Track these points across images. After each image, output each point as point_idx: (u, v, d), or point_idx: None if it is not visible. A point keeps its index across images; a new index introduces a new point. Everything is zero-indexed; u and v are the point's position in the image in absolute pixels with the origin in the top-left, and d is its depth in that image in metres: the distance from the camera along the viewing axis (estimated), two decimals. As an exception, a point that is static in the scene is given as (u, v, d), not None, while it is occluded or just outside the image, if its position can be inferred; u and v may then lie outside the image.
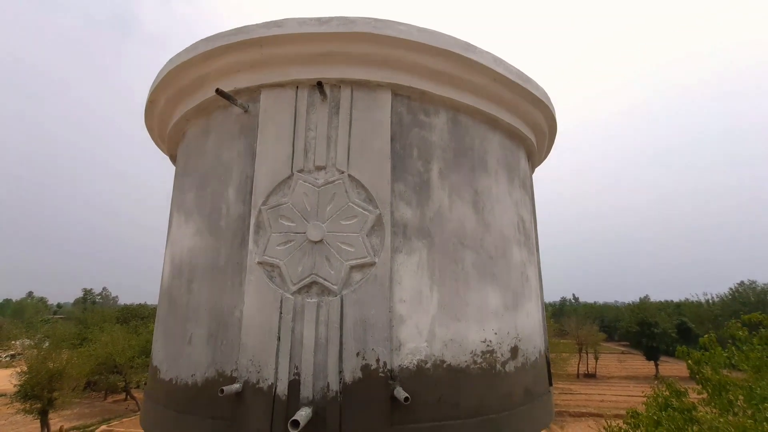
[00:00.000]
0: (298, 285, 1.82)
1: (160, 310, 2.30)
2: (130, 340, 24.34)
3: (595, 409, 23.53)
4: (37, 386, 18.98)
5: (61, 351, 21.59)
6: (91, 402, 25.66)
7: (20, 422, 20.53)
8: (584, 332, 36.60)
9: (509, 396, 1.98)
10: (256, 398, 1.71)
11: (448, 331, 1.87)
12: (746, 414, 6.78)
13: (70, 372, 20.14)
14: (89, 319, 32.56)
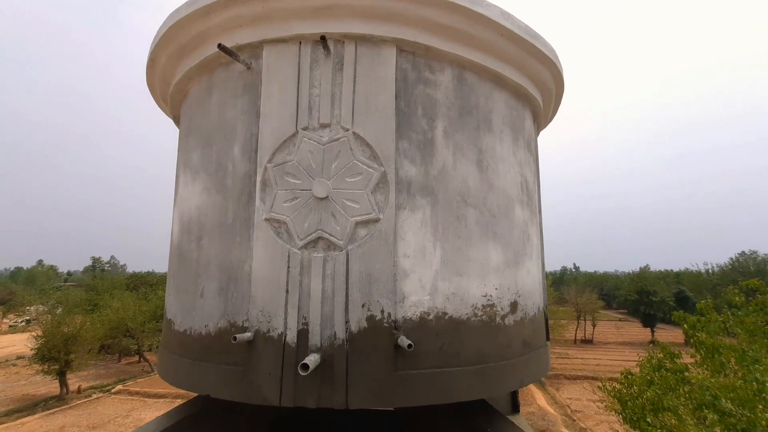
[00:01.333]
0: (304, 240, 1.87)
1: (171, 266, 2.38)
2: (141, 306, 25.09)
3: (591, 373, 24.37)
4: (53, 349, 19.80)
5: (75, 316, 22.34)
6: (106, 364, 26.81)
7: (40, 382, 21.56)
8: (583, 300, 37.28)
9: (508, 347, 2.07)
10: (267, 346, 1.81)
11: (450, 285, 1.94)
12: (737, 375, 7.02)
13: (84, 336, 20.94)
14: (99, 286, 33.44)
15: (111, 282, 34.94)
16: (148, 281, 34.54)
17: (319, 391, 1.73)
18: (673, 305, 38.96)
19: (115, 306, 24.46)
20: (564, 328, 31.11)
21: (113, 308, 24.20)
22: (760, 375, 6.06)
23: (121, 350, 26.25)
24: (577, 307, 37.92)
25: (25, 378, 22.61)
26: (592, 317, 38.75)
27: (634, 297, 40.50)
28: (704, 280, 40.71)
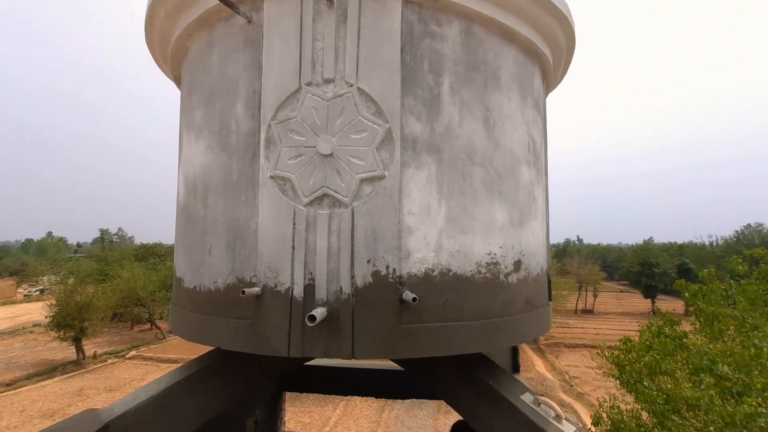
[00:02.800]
0: (309, 197, 1.88)
1: (178, 226, 2.40)
2: (150, 276, 25.65)
3: (590, 341, 24.92)
4: (68, 317, 20.48)
5: (86, 286, 22.94)
6: (119, 331, 27.77)
7: (57, 348, 22.43)
8: (585, 271, 37.59)
9: (510, 304, 2.11)
10: (275, 300, 1.85)
11: (454, 242, 1.95)
12: (735, 342, 7.15)
13: (97, 304, 21.57)
14: (109, 257, 34.09)
15: (120, 253, 35.59)
16: (156, 252, 35.15)
17: (325, 343, 1.79)
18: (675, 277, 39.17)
19: (125, 276, 25.03)
20: (565, 299, 31.57)
21: (123, 278, 24.78)
22: (758, 341, 6.17)
23: (133, 318, 27.08)
24: (578, 278, 38.25)
25: (43, 344, 23.52)
26: (594, 288, 39.16)
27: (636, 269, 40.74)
28: (708, 253, 40.73)
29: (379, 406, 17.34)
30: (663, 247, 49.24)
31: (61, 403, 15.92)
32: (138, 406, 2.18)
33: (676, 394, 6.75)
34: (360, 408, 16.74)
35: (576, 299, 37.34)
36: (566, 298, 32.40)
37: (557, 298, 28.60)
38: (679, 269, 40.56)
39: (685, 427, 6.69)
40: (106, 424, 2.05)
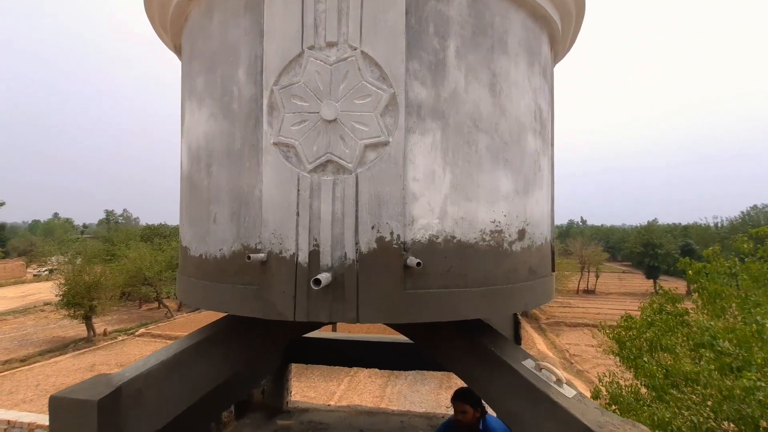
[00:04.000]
0: (313, 164, 1.86)
1: (182, 196, 2.41)
2: (156, 256, 25.98)
3: (591, 321, 25.20)
4: (77, 296, 20.89)
5: (94, 266, 23.31)
6: (128, 310, 28.35)
7: (68, 326, 22.99)
8: (588, 252, 37.65)
9: (514, 272, 2.12)
10: (280, 266, 1.87)
11: (459, 209, 1.94)
12: (736, 319, 7.20)
13: (105, 284, 21.95)
14: (115, 237, 34.49)
15: (126, 233, 35.98)
16: (162, 233, 35.49)
17: (330, 307, 1.81)
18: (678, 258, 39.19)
19: (132, 256, 25.36)
20: (567, 279, 31.73)
21: (130, 258, 25.11)
22: (760, 318, 6.20)
23: (141, 297, 27.59)
24: (581, 259, 38.34)
25: (54, 322, 24.10)
26: (596, 269, 39.28)
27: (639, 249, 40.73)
28: (712, 234, 40.61)
29: (382, 382, 17.77)
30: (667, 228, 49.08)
31: (74, 378, 16.41)
32: (149, 370, 2.24)
33: (675, 368, 6.86)
34: (364, 383, 17.16)
35: (578, 280, 37.53)
36: (568, 278, 32.58)
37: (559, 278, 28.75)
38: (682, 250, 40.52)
39: (683, 401, 6.82)
40: (118, 387, 2.12)
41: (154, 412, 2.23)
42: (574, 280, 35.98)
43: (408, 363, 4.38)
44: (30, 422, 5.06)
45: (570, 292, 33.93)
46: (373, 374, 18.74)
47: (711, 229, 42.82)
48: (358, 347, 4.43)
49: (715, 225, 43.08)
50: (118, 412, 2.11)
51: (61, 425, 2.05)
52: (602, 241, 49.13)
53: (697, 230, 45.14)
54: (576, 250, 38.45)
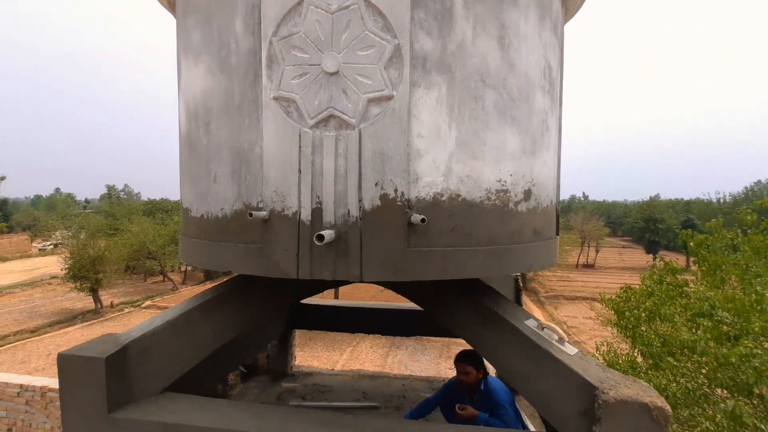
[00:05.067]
0: (315, 119, 1.81)
1: (182, 156, 2.36)
2: (159, 230, 26.11)
3: (590, 294, 25.54)
4: (82, 269, 21.16)
5: (98, 240, 23.50)
6: (133, 283, 28.81)
7: (76, 298, 23.43)
8: (589, 227, 37.70)
9: (519, 232, 2.09)
10: (283, 224, 1.84)
11: (464, 167, 1.90)
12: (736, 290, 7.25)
13: (109, 257, 22.19)
14: (117, 212, 34.58)
15: (128, 208, 36.06)
16: (164, 207, 35.58)
17: (334, 265, 1.80)
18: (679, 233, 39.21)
19: (135, 230, 25.51)
20: (567, 253, 31.91)
21: (133, 232, 25.27)
22: (760, 288, 6.24)
23: (146, 271, 27.94)
24: (582, 233, 38.41)
25: (61, 294, 24.54)
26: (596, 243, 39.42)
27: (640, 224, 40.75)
28: (714, 209, 40.46)
29: (383, 352, 18.22)
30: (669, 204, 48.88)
31: (84, 347, 16.80)
32: (155, 329, 2.27)
33: (672, 337, 6.97)
34: (365, 353, 17.60)
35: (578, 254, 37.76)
36: (568, 252, 32.77)
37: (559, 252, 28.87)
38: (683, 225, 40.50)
39: (678, 368, 6.97)
40: (124, 345, 2.15)
41: (161, 370, 2.27)
42: (574, 254, 36.20)
43: (409, 329, 4.45)
44: (42, 386, 5.22)
45: (569, 266, 34.22)
46: (374, 345, 19.20)
47: (713, 204, 42.66)
48: (359, 313, 4.49)
49: (717, 200, 42.89)
50: (125, 370, 2.14)
51: (69, 382, 2.09)
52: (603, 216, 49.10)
53: (699, 206, 44.98)
54: (577, 224, 38.49)
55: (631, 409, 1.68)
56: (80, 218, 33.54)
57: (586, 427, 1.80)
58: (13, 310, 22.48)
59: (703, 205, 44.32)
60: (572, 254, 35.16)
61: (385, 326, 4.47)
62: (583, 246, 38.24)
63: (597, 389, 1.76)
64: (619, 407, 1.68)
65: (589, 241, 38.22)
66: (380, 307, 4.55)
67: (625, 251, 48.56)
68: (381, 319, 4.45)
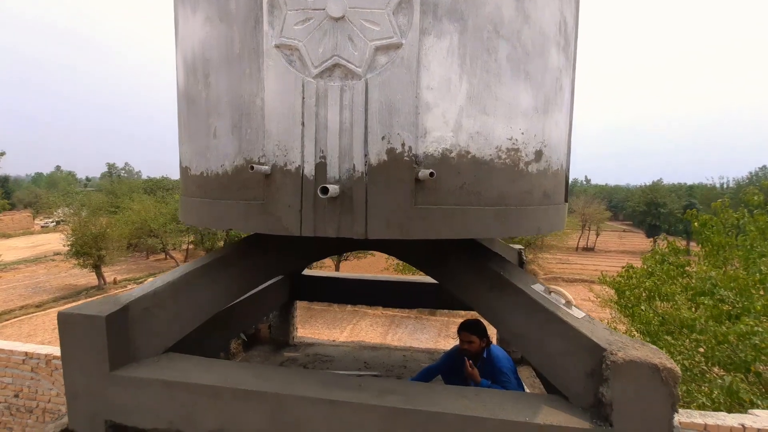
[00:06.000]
0: (319, 68, 1.72)
1: (180, 114, 2.28)
2: (161, 209, 26.09)
3: (589, 277, 25.68)
4: (85, 246, 21.26)
5: (99, 218, 23.53)
6: (135, 260, 29.03)
7: (79, 275, 23.63)
8: (590, 210, 37.61)
9: (529, 194, 2.03)
10: (285, 179, 1.78)
11: (475, 123, 1.82)
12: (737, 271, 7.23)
13: (111, 235, 22.26)
14: (117, 190, 34.53)
15: (129, 186, 35.98)
16: (164, 186, 35.49)
17: (338, 221, 1.75)
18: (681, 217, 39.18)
19: (136, 208, 25.50)
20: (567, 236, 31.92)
21: (134, 210, 25.26)
22: (765, 267, 6.21)
23: (148, 249, 28.09)
24: (583, 217, 38.37)
25: (65, 271, 24.74)
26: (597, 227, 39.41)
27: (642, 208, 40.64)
28: (717, 194, 40.21)
29: (383, 330, 18.46)
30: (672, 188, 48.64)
31: (88, 322, 17.04)
32: (156, 290, 2.24)
33: (672, 316, 6.99)
34: (366, 331, 17.84)
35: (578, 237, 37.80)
36: (569, 235, 32.79)
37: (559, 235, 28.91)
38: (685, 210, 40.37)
39: (675, 346, 7.02)
40: (125, 305, 2.12)
41: (163, 331, 2.25)
42: (575, 237, 36.25)
43: (411, 301, 4.45)
44: (47, 354, 5.27)
45: (569, 249, 34.32)
46: (374, 323, 19.45)
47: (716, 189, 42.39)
48: (361, 285, 4.48)
49: (720, 185, 42.60)
50: (127, 329, 2.12)
51: (70, 340, 2.07)
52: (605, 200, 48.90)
53: (702, 190, 44.72)
54: (578, 208, 38.40)
55: (641, 369, 1.65)
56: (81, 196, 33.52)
57: (593, 388, 1.79)
58: (18, 286, 22.72)
59: (706, 189, 44.05)
60: (572, 237, 35.21)
61: (386, 298, 4.47)
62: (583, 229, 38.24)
63: (605, 351, 1.73)
64: (628, 368, 1.65)
65: (589, 224, 38.20)
66: (382, 279, 4.54)
67: (626, 235, 48.57)
68: (382, 291, 4.44)
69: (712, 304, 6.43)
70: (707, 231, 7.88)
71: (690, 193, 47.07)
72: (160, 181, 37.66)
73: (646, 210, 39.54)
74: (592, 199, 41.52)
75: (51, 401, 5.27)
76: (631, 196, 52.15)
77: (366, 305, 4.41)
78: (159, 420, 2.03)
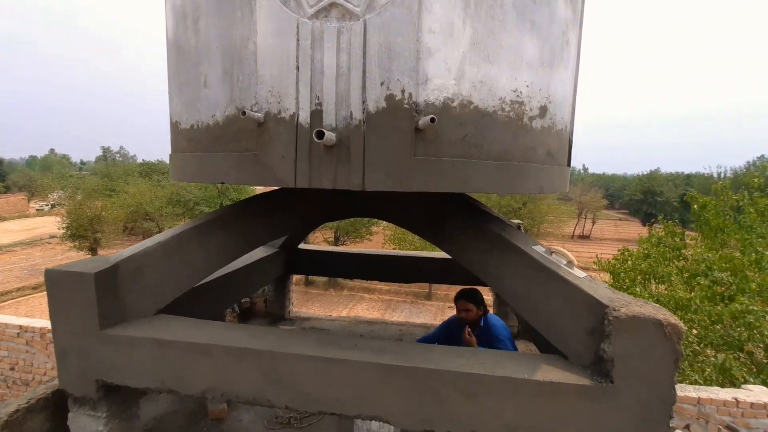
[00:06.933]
0: (315, 8, 1.62)
1: (170, 66, 2.18)
2: (156, 192, 25.88)
3: (584, 264, 25.78)
4: (80, 228, 21.12)
5: (95, 201, 23.33)
6: (131, 243, 28.88)
7: (75, 257, 23.50)
8: (587, 198, 37.66)
9: (532, 150, 1.96)
10: (279, 128, 1.70)
11: (478, 71, 1.73)
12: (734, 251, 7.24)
13: (106, 218, 22.10)
14: (113, 172, 34.18)
15: (124, 169, 35.62)
16: (160, 169, 35.14)
17: (334, 172, 1.68)
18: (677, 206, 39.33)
19: (132, 191, 25.28)
20: (564, 223, 32.00)
21: (130, 193, 25.05)
22: (761, 248, 6.22)
23: (144, 232, 27.92)
24: (580, 205, 38.42)
25: (61, 253, 24.63)
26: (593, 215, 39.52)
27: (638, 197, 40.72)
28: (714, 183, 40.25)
29: (379, 314, 18.58)
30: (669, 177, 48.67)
31: (84, 303, 17.02)
32: (147, 249, 2.18)
33: (667, 296, 7.03)
34: (362, 314, 17.94)
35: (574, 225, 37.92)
36: (565, 223, 32.88)
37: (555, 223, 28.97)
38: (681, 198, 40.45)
39: (670, 327, 7.05)
40: (115, 263, 2.06)
41: (154, 292, 2.20)
42: (571, 225, 36.36)
43: (408, 276, 4.41)
44: (41, 327, 5.24)
45: (565, 237, 34.45)
46: (370, 307, 19.57)
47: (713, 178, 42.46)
48: (357, 259, 4.43)
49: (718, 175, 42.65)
50: (117, 288, 2.06)
51: (59, 298, 2.02)
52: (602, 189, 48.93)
53: (700, 179, 44.79)
54: (575, 196, 38.43)
55: (644, 325, 1.61)
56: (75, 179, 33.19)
57: (593, 346, 1.75)
58: (13, 268, 22.64)
59: (703, 179, 44.14)
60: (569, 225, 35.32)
61: (383, 272, 4.43)
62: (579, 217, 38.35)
63: (608, 307, 1.69)
64: (631, 323, 1.62)
65: (586, 212, 38.29)
66: (378, 253, 4.49)
67: (622, 224, 48.76)
68: (379, 265, 4.40)
69: (707, 284, 6.46)
70: (706, 213, 7.87)
71: (687, 182, 47.13)
72: (156, 164, 37.27)
73: (642, 198, 39.64)
74: (589, 188, 41.54)
75: (47, 374, 5.25)
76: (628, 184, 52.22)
77: (362, 279, 4.37)
78: (150, 379, 2.00)
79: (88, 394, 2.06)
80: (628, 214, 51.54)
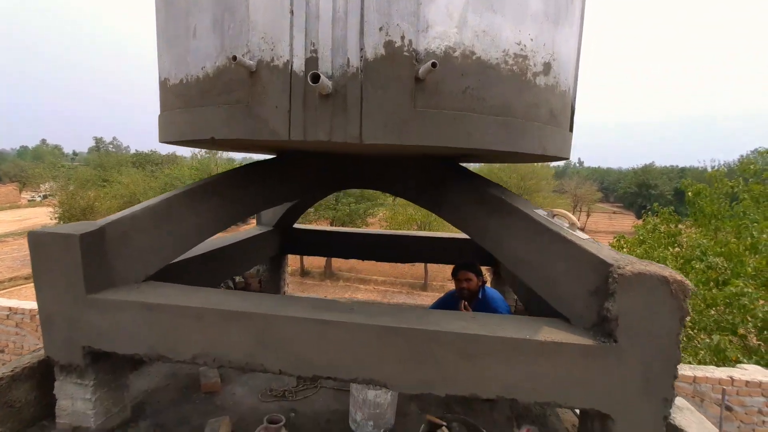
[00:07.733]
0: (310, -53, 1.53)
1: (158, 21, 2.08)
2: (150, 183, 25.58)
3: (579, 255, 25.91)
4: (72, 218, 20.83)
5: (87, 191, 23.01)
6: (125, 234, 28.56)
7: (67, 248, 23.18)
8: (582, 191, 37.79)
9: (535, 108, 1.90)
10: (272, 76, 1.62)
11: (481, 20, 1.66)
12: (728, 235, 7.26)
13: (99, 208, 21.82)
14: (106, 163, 33.73)
15: (117, 159, 35.17)
16: (153, 160, 34.75)
17: (330, 123, 1.60)
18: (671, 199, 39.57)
19: (125, 181, 24.99)
20: (560, 216, 32.05)
21: (123, 183, 24.75)
22: (757, 233, 6.23)
23: (138, 223, 27.65)
24: (574, 198, 38.56)
25: (53, 244, 24.25)
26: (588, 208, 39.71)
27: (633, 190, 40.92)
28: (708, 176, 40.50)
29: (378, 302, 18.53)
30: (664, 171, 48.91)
31: (77, 293, 16.86)
32: (134, 213, 2.09)
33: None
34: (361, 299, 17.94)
35: (570, 218, 38.02)
36: (560, 215, 32.94)
37: (551, 216, 28.95)
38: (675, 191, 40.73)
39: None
40: (101, 227, 1.97)
41: (143, 257, 2.12)
42: (566, 217, 36.46)
43: (404, 255, 4.36)
44: (31, 309, 5.14)
45: (561, 229, 34.54)
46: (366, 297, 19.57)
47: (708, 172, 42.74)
48: (353, 238, 4.37)
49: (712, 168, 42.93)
50: (104, 252, 1.98)
51: (43, 261, 1.93)
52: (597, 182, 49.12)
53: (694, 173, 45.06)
54: (570, 188, 38.54)
55: (649, 282, 1.56)
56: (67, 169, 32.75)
57: (596, 306, 1.71)
58: (5, 258, 22.34)
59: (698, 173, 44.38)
60: (564, 217, 35.40)
61: (379, 252, 4.37)
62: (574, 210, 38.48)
63: (612, 266, 1.64)
64: (636, 280, 1.57)
65: (580, 205, 38.45)
66: (374, 232, 4.43)
67: (616, 216, 49.06)
68: (377, 245, 4.34)
69: (702, 269, 6.47)
70: (701, 201, 7.88)
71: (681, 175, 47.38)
72: (149, 155, 36.84)
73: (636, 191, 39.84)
74: (584, 181, 41.68)
75: (36, 357, 5.17)
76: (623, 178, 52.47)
77: (359, 259, 4.32)
78: (139, 345, 1.93)
79: (75, 362, 1.98)
80: (622, 207, 51.86)
